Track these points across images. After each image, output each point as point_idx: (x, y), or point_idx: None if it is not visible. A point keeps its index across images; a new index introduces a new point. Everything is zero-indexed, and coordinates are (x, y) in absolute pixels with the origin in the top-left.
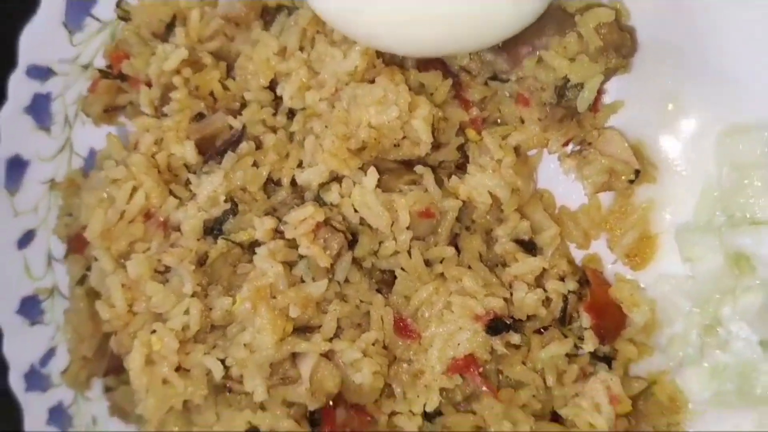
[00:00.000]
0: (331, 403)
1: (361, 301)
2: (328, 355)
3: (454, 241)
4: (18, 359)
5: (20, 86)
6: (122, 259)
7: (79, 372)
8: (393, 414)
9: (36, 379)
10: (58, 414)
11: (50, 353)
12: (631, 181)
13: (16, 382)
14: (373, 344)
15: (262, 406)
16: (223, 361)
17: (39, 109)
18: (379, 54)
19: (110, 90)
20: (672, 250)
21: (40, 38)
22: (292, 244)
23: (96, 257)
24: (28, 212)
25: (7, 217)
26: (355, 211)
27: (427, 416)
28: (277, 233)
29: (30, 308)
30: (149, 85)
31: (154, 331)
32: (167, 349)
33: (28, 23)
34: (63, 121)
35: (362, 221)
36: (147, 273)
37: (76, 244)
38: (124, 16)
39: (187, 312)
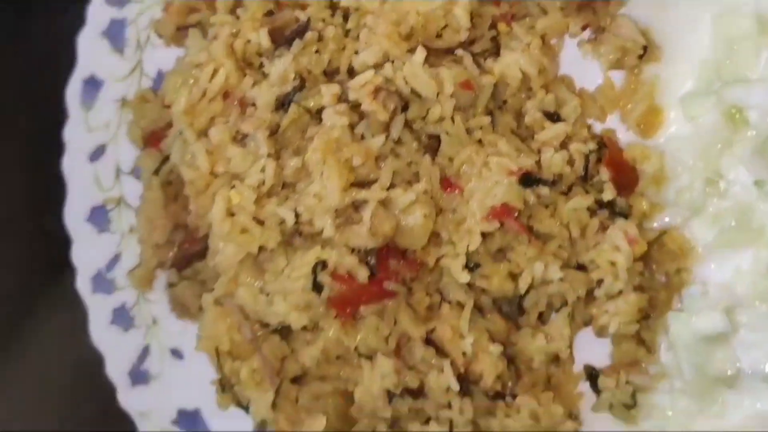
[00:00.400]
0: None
1: (411, 162)
2: (384, 204)
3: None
4: (85, 264)
5: (99, 12)
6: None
7: (149, 260)
8: (440, 258)
9: (102, 282)
10: (121, 314)
11: (116, 259)
12: (640, 57)
13: (83, 284)
14: (424, 193)
15: (330, 246)
16: (294, 212)
17: (115, 32)
18: None
19: (182, 11)
20: (676, 119)
21: None
22: (354, 110)
23: (180, 131)
24: (101, 128)
25: (82, 132)
26: (406, 83)
27: (468, 268)
28: (341, 101)
29: (99, 217)
30: None
31: (233, 187)
32: (245, 200)
33: None
34: (135, 45)
35: (412, 91)
36: (227, 139)
37: (151, 140)
38: None
39: (262, 170)
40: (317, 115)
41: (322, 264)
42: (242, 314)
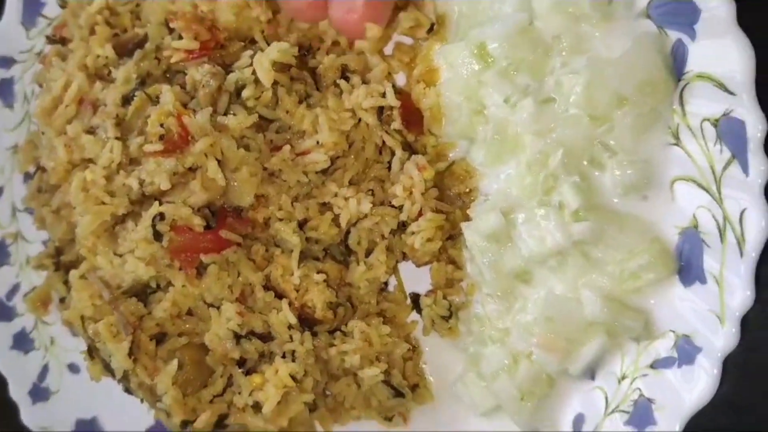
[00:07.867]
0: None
1: (244, 136)
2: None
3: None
4: None
5: None
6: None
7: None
8: (269, 218)
9: (3, 311)
10: (21, 338)
11: (15, 288)
12: (428, 31)
13: None
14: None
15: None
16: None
17: (5, 90)
18: None
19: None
20: (443, 69)
21: (4, 36)
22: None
23: (43, 132)
24: None
25: None
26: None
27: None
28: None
29: None
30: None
31: (87, 167)
32: (97, 176)
33: None
34: (23, 99)
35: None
36: (80, 131)
37: None
38: (63, 5)
39: (111, 150)
40: (157, 100)
41: (160, 216)
42: (103, 283)
